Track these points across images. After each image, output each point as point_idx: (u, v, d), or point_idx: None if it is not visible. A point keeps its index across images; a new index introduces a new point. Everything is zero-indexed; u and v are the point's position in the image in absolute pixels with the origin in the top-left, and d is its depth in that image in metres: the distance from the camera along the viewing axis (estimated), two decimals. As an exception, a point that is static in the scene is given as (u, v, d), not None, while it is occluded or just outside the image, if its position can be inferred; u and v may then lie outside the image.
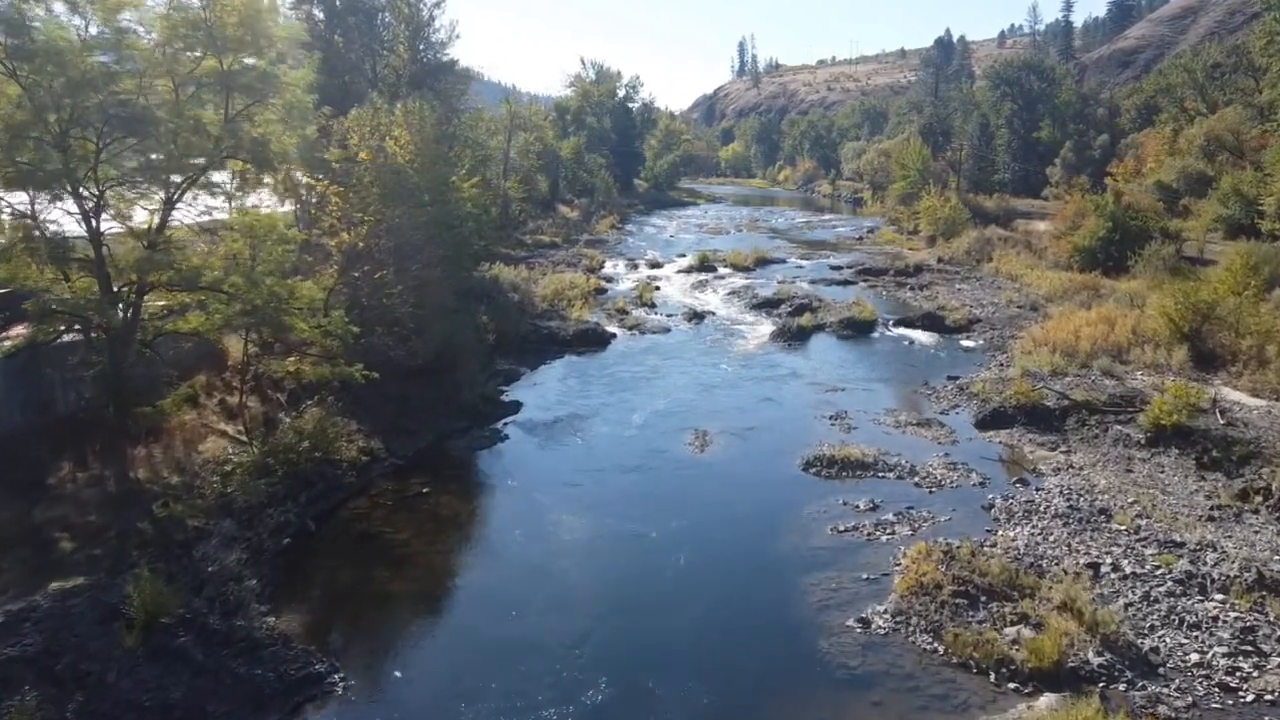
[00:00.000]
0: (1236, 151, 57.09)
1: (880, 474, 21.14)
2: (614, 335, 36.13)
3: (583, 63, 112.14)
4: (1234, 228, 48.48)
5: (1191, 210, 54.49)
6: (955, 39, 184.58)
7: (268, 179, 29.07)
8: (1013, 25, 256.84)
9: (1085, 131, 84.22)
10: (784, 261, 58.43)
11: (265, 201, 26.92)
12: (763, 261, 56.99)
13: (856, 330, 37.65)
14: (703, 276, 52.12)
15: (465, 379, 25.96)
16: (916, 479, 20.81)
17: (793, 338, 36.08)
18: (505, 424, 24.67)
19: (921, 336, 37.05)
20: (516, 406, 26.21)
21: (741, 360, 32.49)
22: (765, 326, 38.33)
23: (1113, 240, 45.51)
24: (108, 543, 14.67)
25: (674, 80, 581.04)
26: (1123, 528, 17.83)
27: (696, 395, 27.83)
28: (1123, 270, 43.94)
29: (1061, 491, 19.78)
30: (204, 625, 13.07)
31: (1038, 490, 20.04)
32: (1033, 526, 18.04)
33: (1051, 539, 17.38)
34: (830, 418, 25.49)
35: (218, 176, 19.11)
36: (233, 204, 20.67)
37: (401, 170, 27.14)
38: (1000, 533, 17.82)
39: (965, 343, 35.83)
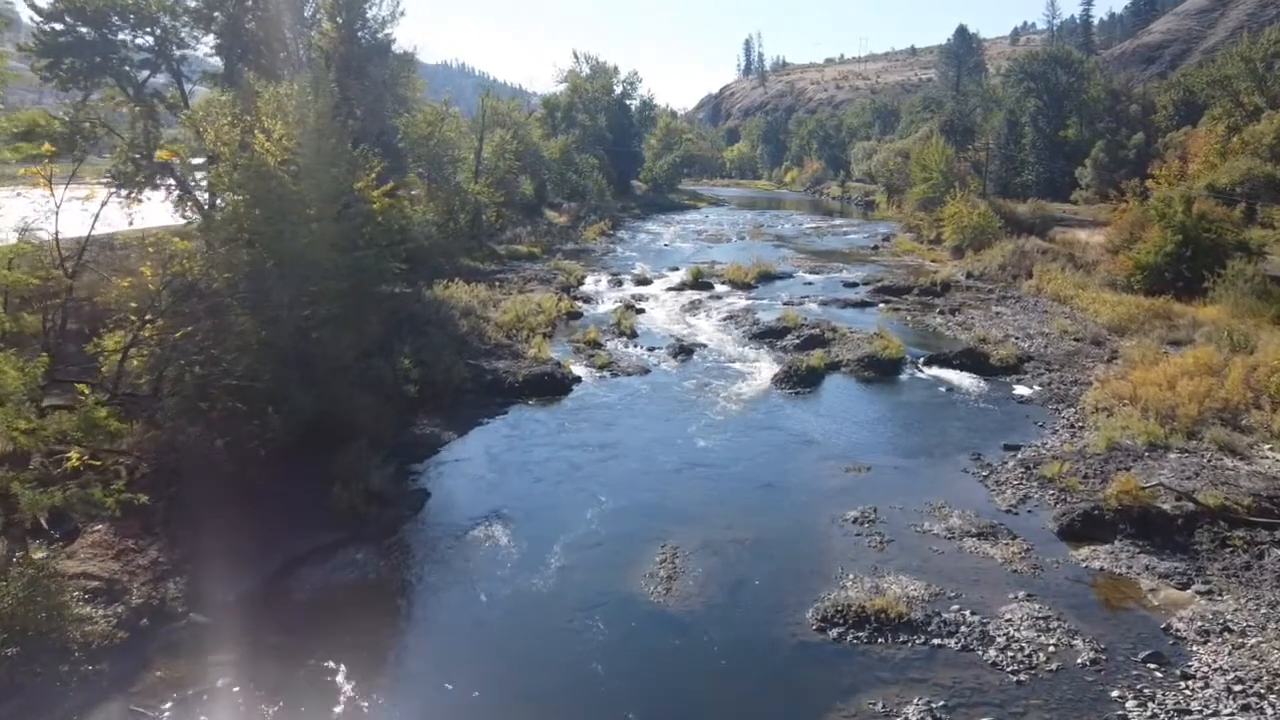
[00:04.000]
0: (1314, 151, 49.68)
1: (936, 640, 13.85)
2: (578, 379, 28.92)
3: (576, 56, 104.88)
4: (1312, 241, 41.24)
5: (1259, 217, 47.26)
6: (957, 45, 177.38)
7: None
8: (1025, 23, 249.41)
9: (1117, 130, 76.91)
10: (790, 276, 51.20)
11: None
12: (766, 276, 49.74)
13: (880, 371, 30.38)
14: (696, 296, 44.90)
15: (354, 462, 18.77)
16: (993, 651, 13.51)
17: (801, 383, 28.79)
18: (394, 535, 17.44)
19: (960, 380, 29.74)
20: (419, 501, 18.96)
21: (735, 419, 25.25)
22: (767, 366, 31.08)
23: (1183, 256, 38.18)
24: None
25: (679, 80, 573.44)
26: (1361, 783, 10.58)
27: (671, 480, 20.59)
28: (1196, 292, 36.63)
29: (1228, 685, 12.49)
30: None
31: (1186, 679, 12.74)
32: (1206, 776, 10.79)
33: (1250, 816, 10.12)
34: (854, 521, 18.22)
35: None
36: None
37: (271, 175, 20.03)
38: (1156, 794, 10.58)
39: (1018, 389, 28.52)
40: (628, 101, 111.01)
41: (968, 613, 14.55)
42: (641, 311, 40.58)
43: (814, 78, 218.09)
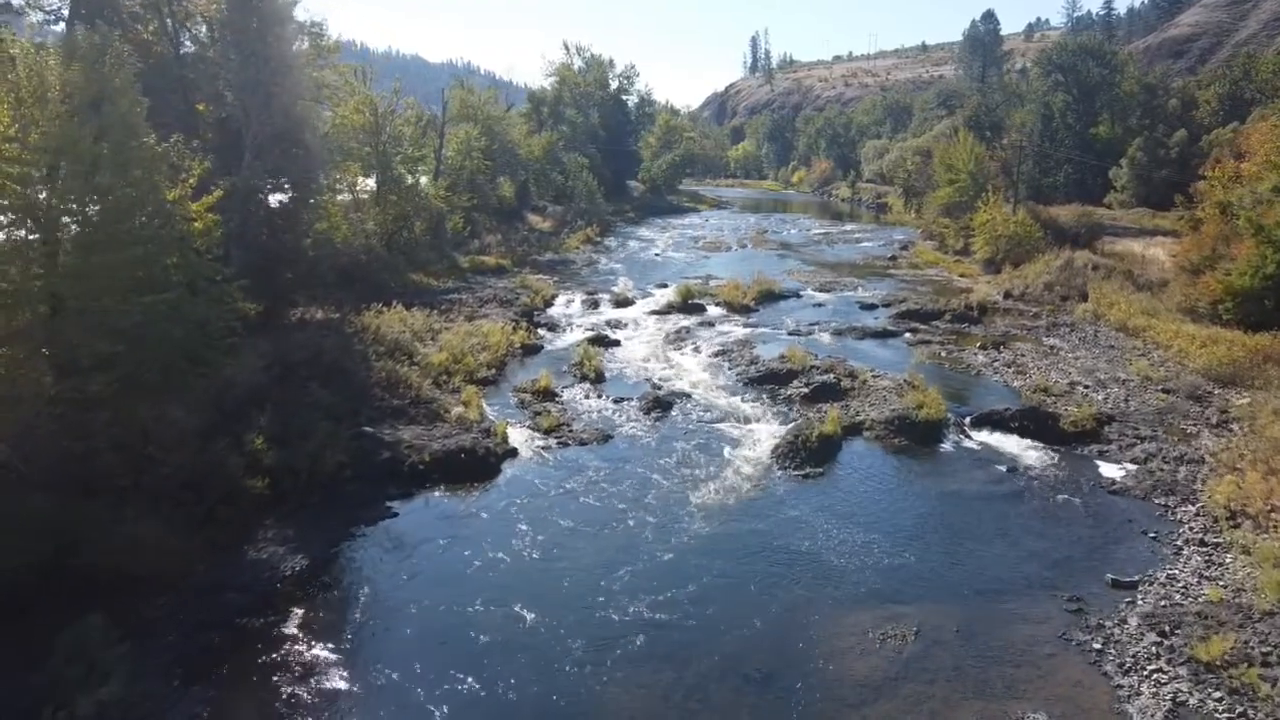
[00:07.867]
0: None
1: None
2: (512, 453, 21.55)
3: (566, 48, 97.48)
4: None
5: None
6: (984, 31, 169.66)
7: None
8: (1039, 19, 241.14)
9: (1153, 126, 69.46)
10: (797, 295, 43.77)
11: None
12: (768, 296, 42.35)
13: (914, 438, 22.95)
14: (684, 321, 37.54)
15: (63, 665, 11.45)
16: None
17: (810, 458, 21.35)
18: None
19: (1022, 451, 22.37)
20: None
21: (718, 532, 17.82)
22: (766, 428, 23.71)
23: (1287, 279, 30.69)
24: None
25: (684, 79, 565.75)
26: None
27: (611, 670, 13.14)
28: (1302, 325, 29.19)
29: None
30: None
31: None
32: None
33: None
34: (904, 769, 10.84)
35: None
36: None
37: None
38: None
39: (1103, 468, 21.12)
40: (624, 97, 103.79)
41: None
42: (615, 344, 33.19)
43: (822, 75, 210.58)
